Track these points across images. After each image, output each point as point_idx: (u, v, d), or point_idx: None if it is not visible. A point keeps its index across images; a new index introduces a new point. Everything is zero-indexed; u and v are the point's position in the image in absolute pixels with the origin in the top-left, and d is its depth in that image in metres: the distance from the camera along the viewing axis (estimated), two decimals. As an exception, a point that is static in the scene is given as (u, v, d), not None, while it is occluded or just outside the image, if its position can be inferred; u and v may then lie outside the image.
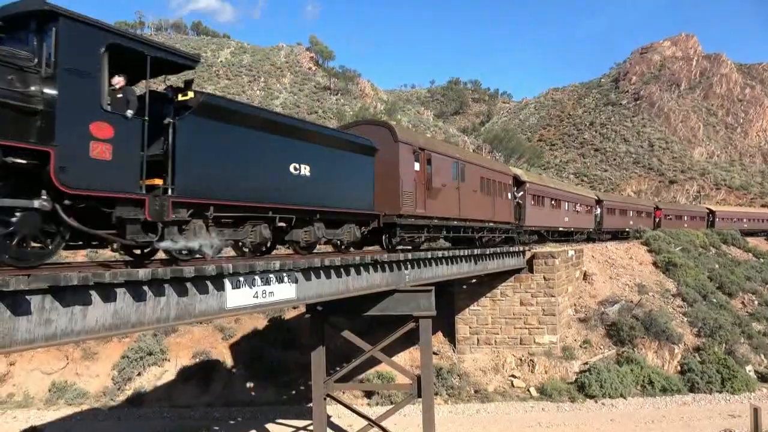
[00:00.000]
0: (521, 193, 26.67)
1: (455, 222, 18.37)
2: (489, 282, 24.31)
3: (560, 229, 33.58)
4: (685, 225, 51.25)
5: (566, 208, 34.01)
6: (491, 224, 22.10)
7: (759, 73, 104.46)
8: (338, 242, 13.47)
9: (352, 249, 14.10)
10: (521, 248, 24.22)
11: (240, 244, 10.62)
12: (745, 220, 60.69)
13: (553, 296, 24.25)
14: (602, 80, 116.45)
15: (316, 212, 12.02)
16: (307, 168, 11.56)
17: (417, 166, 15.86)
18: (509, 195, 24.64)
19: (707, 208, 60.36)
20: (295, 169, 11.26)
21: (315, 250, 13.80)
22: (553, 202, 31.22)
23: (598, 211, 35.34)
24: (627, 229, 43.54)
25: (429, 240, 18.45)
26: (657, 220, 49.35)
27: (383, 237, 15.44)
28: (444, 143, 25.71)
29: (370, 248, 16.32)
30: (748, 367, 24.89)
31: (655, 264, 33.96)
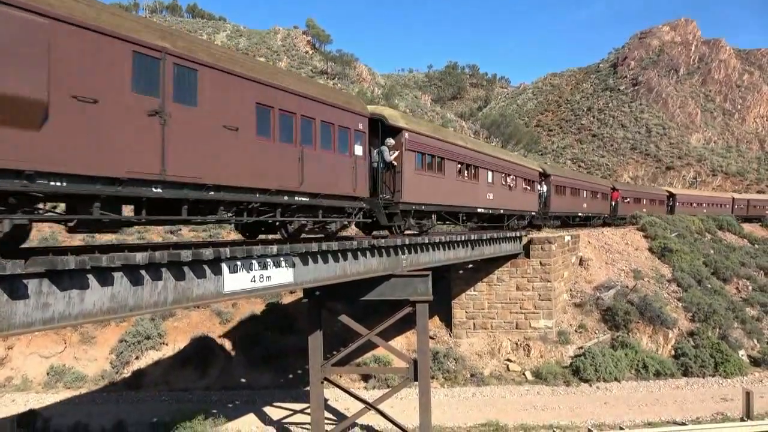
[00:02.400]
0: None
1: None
2: (485, 267, 24.40)
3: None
4: (644, 210, 46.61)
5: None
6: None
7: (758, 59, 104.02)
8: None
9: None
10: (518, 233, 24.28)
11: None
12: (704, 205, 56.43)
13: (549, 281, 24.37)
14: (600, 65, 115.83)
15: None
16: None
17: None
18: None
19: (667, 191, 55.78)
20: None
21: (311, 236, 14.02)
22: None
23: (544, 188, 29.64)
24: (580, 214, 36.69)
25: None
26: (613, 203, 43.22)
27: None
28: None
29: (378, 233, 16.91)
30: (741, 352, 25.17)
31: (650, 249, 34.12)
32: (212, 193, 9.18)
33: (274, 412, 19.96)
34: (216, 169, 9.16)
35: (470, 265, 24.19)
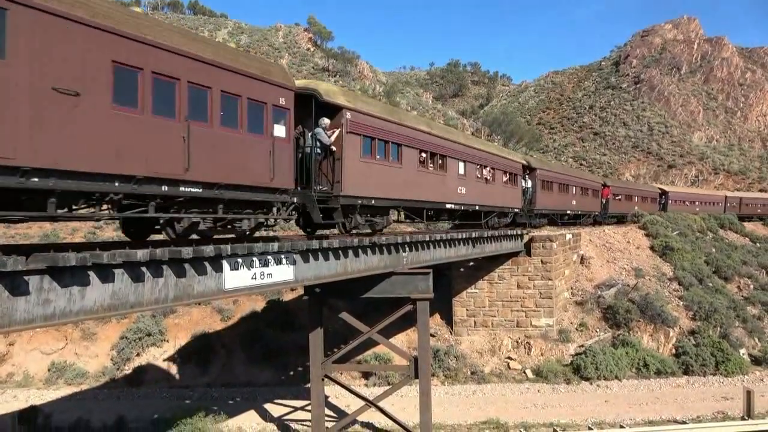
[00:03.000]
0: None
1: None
2: (486, 265, 24.39)
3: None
4: (636, 207, 44.93)
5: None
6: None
7: (760, 57, 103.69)
8: None
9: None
10: (519, 231, 24.25)
11: None
12: (697, 203, 54.91)
13: (550, 279, 24.35)
14: (602, 63, 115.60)
15: None
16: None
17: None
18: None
19: (659, 189, 53.75)
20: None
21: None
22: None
23: (528, 183, 27.28)
24: (568, 212, 34.19)
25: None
26: (604, 201, 40.66)
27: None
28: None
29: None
30: (742, 351, 25.14)
31: (652, 248, 34.08)
32: (35, 180, 6.85)
33: (274, 409, 19.98)
34: (39, 145, 6.83)
35: (471, 263, 24.18)
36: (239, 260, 9.71)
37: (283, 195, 11.10)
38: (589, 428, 18.23)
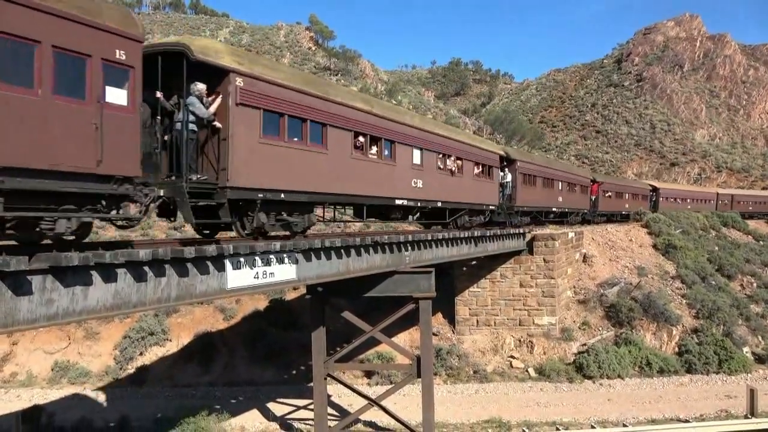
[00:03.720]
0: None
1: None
2: (489, 264, 24.37)
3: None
4: (627, 205, 43.21)
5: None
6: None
7: (763, 54, 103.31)
8: None
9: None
10: (521, 230, 24.22)
11: None
12: (688, 201, 52.71)
13: (552, 278, 24.33)
14: (605, 61, 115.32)
15: None
16: None
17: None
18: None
19: (650, 185, 50.86)
20: None
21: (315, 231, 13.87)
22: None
23: (508, 177, 23.90)
24: (554, 209, 30.54)
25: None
26: (593, 197, 37.36)
27: None
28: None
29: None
30: (746, 349, 25.09)
31: (654, 246, 34.01)
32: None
33: (277, 408, 20.01)
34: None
35: (473, 262, 24.17)
36: (242, 259, 9.71)
37: (124, 185, 7.94)
38: (592, 427, 18.21)
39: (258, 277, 10.18)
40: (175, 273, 8.50)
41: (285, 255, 10.75)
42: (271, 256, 10.39)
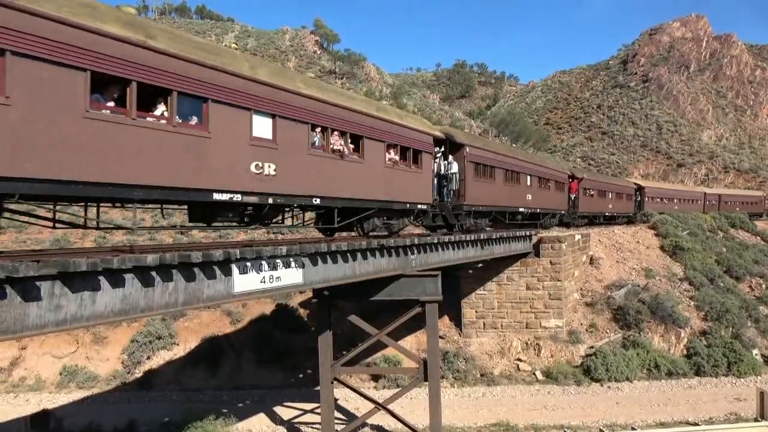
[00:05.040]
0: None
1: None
2: (495, 266, 24.31)
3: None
4: (610, 206, 39.40)
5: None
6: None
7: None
8: None
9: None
10: (528, 232, 24.16)
11: None
12: (675, 201, 49.76)
13: (559, 280, 24.25)
14: (610, 62, 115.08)
15: None
16: None
17: None
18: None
19: (635, 184, 47.29)
20: None
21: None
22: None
23: (454, 168, 18.24)
24: (521, 210, 24.49)
25: None
26: (573, 196, 32.64)
27: None
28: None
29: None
30: (755, 351, 24.90)
31: (662, 248, 33.83)
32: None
33: (284, 412, 20.02)
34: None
35: (480, 265, 24.11)
36: (248, 264, 9.74)
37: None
38: (600, 430, 18.11)
39: (265, 282, 10.21)
40: (182, 278, 8.53)
41: (291, 259, 10.78)
42: (278, 260, 10.42)
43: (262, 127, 10.38)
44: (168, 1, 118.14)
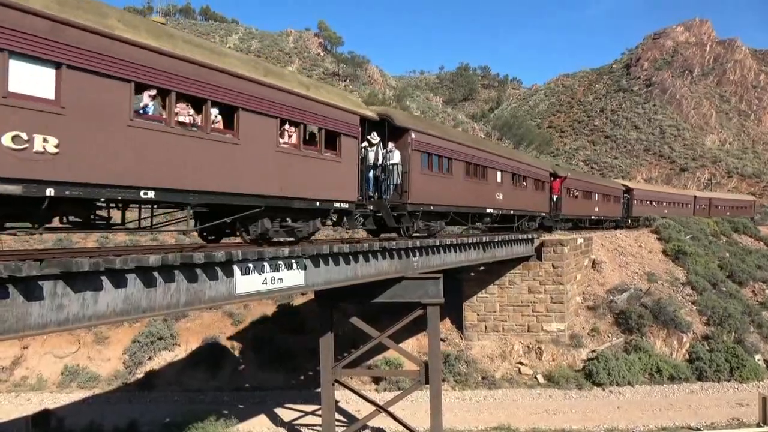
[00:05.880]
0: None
1: None
2: (497, 269, 24.28)
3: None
4: (596, 208, 36.09)
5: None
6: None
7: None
8: None
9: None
10: (530, 236, 24.13)
11: None
12: (665, 204, 47.21)
13: (561, 284, 24.20)
14: (613, 66, 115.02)
15: None
16: None
17: None
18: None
19: (623, 185, 43.89)
20: None
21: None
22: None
23: (395, 158, 14.81)
24: (489, 211, 20.49)
25: None
26: (555, 198, 28.71)
27: None
28: None
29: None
30: (758, 356, 24.79)
31: (664, 252, 33.75)
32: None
33: (284, 413, 20.01)
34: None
35: (482, 268, 24.10)
36: (250, 265, 9.75)
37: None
38: (602, 434, 18.06)
39: (266, 283, 10.21)
40: (184, 278, 8.54)
41: (293, 261, 10.78)
42: (280, 262, 10.43)
43: (30, 77, 6.77)
44: (172, 2, 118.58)
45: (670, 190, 56.22)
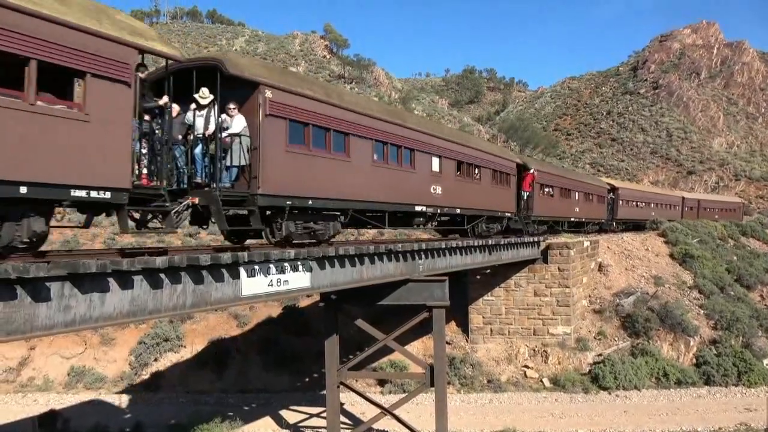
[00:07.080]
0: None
1: None
2: (503, 272, 24.23)
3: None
4: (577, 209, 31.44)
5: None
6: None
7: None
8: None
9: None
10: (536, 238, 24.06)
11: None
12: (652, 205, 44.84)
13: (567, 287, 24.11)
14: (620, 68, 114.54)
15: None
16: None
17: None
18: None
19: (608, 184, 39.39)
20: None
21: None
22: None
23: (239, 126, 10.16)
24: (425, 209, 16.26)
25: None
26: (525, 195, 24.11)
27: None
28: None
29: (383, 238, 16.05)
30: (766, 361, 24.60)
31: (671, 255, 33.57)
32: None
33: (290, 416, 20.01)
34: None
35: (487, 270, 24.04)
36: (256, 267, 9.76)
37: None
38: (608, 439, 17.96)
39: (272, 285, 10.22)
40: (190, 280, 8.56)
41: (299, 263, 10.79)
42: (285, 264, 10.44)
43: None
44: (180, 5, 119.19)
45: (658, 191, 54.18)
